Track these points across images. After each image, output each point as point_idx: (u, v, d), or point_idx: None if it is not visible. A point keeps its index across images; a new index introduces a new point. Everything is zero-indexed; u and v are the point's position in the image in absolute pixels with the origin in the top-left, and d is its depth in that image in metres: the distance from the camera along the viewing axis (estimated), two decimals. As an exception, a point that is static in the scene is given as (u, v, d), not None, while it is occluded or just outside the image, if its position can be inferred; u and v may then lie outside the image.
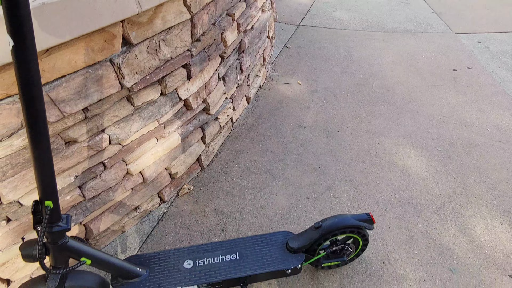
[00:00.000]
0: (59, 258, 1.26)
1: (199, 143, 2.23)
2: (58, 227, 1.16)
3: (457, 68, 3.46)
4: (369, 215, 1.58)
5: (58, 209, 1.14)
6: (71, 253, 1.27)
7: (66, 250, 1.24)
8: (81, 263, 1.29)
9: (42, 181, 1.06)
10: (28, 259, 1.22)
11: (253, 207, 2.08)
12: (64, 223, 1.18)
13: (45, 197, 1.08)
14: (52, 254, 1.24)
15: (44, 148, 1.00)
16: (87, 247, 1.32)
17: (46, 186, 1.07)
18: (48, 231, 1.15)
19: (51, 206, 1.10)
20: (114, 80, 1.47)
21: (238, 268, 1.53)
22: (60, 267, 1.26)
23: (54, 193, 1.10)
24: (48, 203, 1.09)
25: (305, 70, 3.46)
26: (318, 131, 2.67)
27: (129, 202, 1.89)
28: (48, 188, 1.08)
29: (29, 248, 1.21)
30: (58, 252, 1.24)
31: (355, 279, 1.71)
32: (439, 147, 2.49)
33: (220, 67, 2.22)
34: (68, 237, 1.24)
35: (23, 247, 1.23)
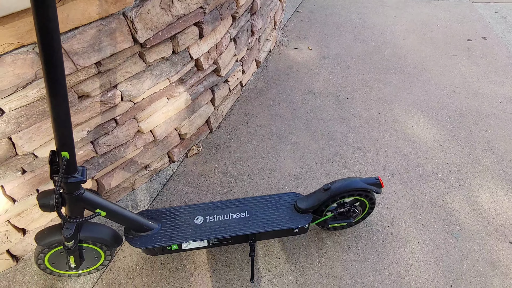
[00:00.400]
0: (75, 209, 1.30)
1: (209, 105, 2.23)
2: (74, 178, 1.19)
3: (472, 38, 3.37)
4: (378, 178, 1.60)
5: (74, 161, 1.16)
6: (86, 205, 1.31)
7: (82, 201, 1.28)
8: (96, 215, 1.32)
9: (59, 132, 1.07)
10: (45, 208, 1.26)
11: (261, 170, 2.10)
12: (80, 175, 1.21)
13: (62, 148, 1.10)
14: (68, 205, 1.28)
15: (62, 99, 1.01)
16: (102, 199, 1.35)
17: (63, 137, 1.08)
18: (64, 182, 1.18)
19: (68, 157, 1.12)
20: (127, 34, 1.45)
21: (247, 226, 1.57)
22: (76, 218, 1.30)
23: (71, 144, 1.11)
24: (65, 154, 1.11)
25: (316, 36, 3.39)
26: (327, 98, 2.65)
27: (140, 160, 1.91)
28: (65, 139, 1.09)
29: (46, 198, 1.25)
30: (73, 203, 1.27)
31: (360, 240, 1.76)
32: (449, 117, 2.48)
33: (232, 27, 2.18)
34: (83, 189, 1.27)
35: (40, 196, 1.26)
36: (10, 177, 1.41)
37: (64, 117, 1.04)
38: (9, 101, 1.24)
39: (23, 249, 1.66)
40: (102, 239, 1.45)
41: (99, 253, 1.52)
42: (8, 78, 1.19)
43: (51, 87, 0.97)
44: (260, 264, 1.66)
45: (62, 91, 0.99)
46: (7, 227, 1.53)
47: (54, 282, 1.59)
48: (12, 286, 1.58)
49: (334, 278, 1.61)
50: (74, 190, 1.23)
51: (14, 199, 1.48)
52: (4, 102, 1.23)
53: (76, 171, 1.20)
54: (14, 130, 1.31)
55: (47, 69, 0.93)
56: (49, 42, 0.89)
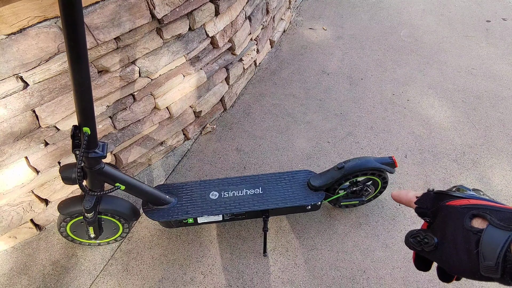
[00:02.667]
0: (95, 183, 1.35)
1: (223, 84, 2.24)
2: (95, 153, 1.22)
3: (491, 19, 3.29)
4: (391, 158, 1.61)
5: (95, 136, 1.19)
6: (106, 178, 1.35)
7: (102, 175, 1.32)
8: (116, 188, 1.37)
9: (81, 107, 1.08)
10: (67, 181, 1.30)
11: (274, 148, 2.13)
12: (100, 150, 1.23)
13: (83, 124, 1.12)
14: (89, 178, 1.32)
15: (84, 75, 1.01)
16: (121, 174, 1.39)
17: (85, 112, 1.10)
18: (85, 156, 1.21)
19: (89, 132, 1.14)
20: (145, 10, 1.46)
21: (261, 202, 1.60)
22: (96, 191, 1.35)
23: (92, 120, 1.13)
24: (86, 129, 1.13)
25: (331, 16, 3.35)
26: (341, 78, 2.64)
27: (156, 136, 1.95)
28: (87, 114, 1.11)
29: (68, 171, 1.29)
30: (94, 177, 1.31)
31: (371, 218, 1.79)
32: (464, 99, 2.45)
33: (247, 5, 2.17)
34: (104, 163, 1.31)
35: (63, 169, 1.30)
36: (34, 148, 1.47)
37: (86, 93, 1.06)
38: (33, 74, 1.28)
39: (46, 219, 1.73)
40: (121, 212, 1.51)
41: (118, 225, 1.58)
42: (32, 51, 1.23)
43: (74, 63, 0.97)
44: (272, 238, 1.71)
45: (84, 67, 1.00)
46: (31, 197, 1.60)
47: (76, 251, 1.66)
48: (36, 253, 1.66)
49: (344, 253, 1.65)
50: (95, 164, 1.27)
51: (38, 170, 1.54)
52: (28, 75, 1.27)
53: (97, 146, 1.23)
54: (37, 103, 1.35)
55: (70, 45, 0.93)
56: (72, 16, 0.88)
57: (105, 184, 1.42)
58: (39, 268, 1.61)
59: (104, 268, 1.61)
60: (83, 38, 0.94)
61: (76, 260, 1.64)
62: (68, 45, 0.93)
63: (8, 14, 1.12)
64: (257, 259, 1.63)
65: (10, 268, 1.61)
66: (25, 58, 1.22)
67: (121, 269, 1.61)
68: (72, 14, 0.88)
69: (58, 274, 1.59)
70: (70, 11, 0.87)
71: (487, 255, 0.39)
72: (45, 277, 1.59)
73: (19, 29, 1.18)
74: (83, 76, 1.01)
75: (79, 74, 1.00)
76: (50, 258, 1.64)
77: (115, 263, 1.63)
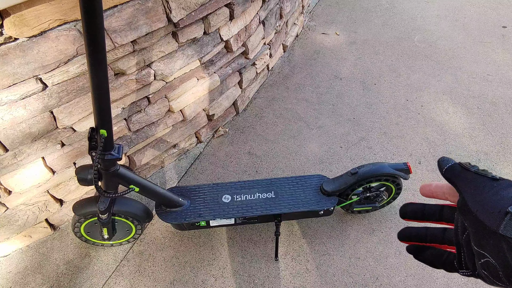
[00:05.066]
0: (110, 184, 1.36)
1: (236, 87, 2.26)
2: (111, 155, 1.23)
3: (507, 25, 3.25)
4: (406, 164, 1.59)
5: (112, 139, 1.20)
6: (121, 180, 1.36)
7: (117, 177, 1.33)
8: (130, 190, 1.38)
9: (98, 110, 1.09)
10: (83, 182, 1.32)
11: (286, 152, 2.13)
12: (116, 153, 1.24)
13: (100, 126, 1.13)
14: (104, 180, 1.33)
15: (102, 78, 1.02)
16: (136, 176, 1.40)
17: (102, 115, 1.11)
18: (101, 158, 1.22)
19: (105, 135, 1.14)
20: (162, 13, 1.48)
21: (274, 206, 1.60)
22: (111, 192, 1.36)
23: (109, 122, 1.14)
24: (103, 131, 1.14)
25: (344, 21, 3.34)
26: (354, 83, 2.63)
27: (169, 139, 1.97)
28: (104, 117, 1.12)
29: (84, 173, 1.31)
30: (109, 179, 1.33)
31: (384, 224, 1.77)
32: (479, 105, 2.42)
33: (261, 10, 2.18)
34: (119, 165, 1.32)
35: (79, 171, 1.32)
36: (51, 149, 1.49)
37: (104, 96, 1.07)
38: (52, 76, 1.30)
39: (60, 219, 1.75)
40: (134, 214, 1.52)
41: (130, 227, 1.59)
42: (51, 54, 1.25)
43: (93, 66, 0.98)
44: (284, 243, 1.70)
45: (103, 71, 1.00)
46: (46, 197, 1.62)
47: (89, 251, 1.68)
48: (50, 252, 1.68)
49: (357, 259, 1.64)
50: (110, 166, 1.28)
51: (54, 170, 1.56)
52: (47, 76, 1.29)
53: (113, 148, 1.24)
54: (55, 104, 1.38)
55: (90, 49, 0.94)
56: (93, 20, 0.88)
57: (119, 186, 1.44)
58: (53, 267, 1.63)
59: (117, 268, 1.62)
60: (103, 43, 0.95)
61: (89, 260, 1.65)
62: (88, 49, 0.94)
63: (31, 17, 1.15)
64: (268, 263, 1.63)
65: (25, 267, 1.63)
66: (45, 60, 1.25)
67: (133, 270, 1.62)
68: (93, 18, 0.89)
69: (71, 273, 1.61)
70: (91, 15, 0.88)
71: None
72: (59, 276, 1.61)
73: (40, 31, 1.21)
74: (101, 79, 1.02)
75: (98, 77, 1.01)
76: (64, 258, 1.66)
77: (128, 264, 1.64)
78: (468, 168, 0.44)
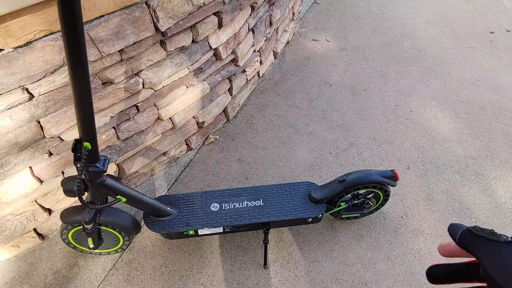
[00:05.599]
0: (97, 195, 1.35)
1: (226, 95, 2.27)
2: (95, 167, 1.22)
3: (495, 31, 3.30)
4: (393, 171, 1.60)
5: (96, 151, 1.19)
6: (108, 191, 1.35)
7: (104, 187, 1.32)
8: (117, 200, 1.37)
9: (82, 122, 1.08)
10: (69, 193, 1.31)
11: (276, 159, 2.14)
12: (101, 165, 1.23)
13: (84, 138, 1.12)
14: (90, 191, 1.32)
15: (85, 91, 1.01)
16: (123, 186, 1.40)
17: (86, 127, 1.10)
18: (86, 170, 1.22)
19: (89, 147, 1.14)
20: (149, 23, 1.49)
21: (262, 214, 1.60)
22: (97, 203, 1.36)
23: (93, 135, 1.13)
24: (87, 144, 1.13)
25: (334, 27, 3.37)
26: (344, 89, 2.65)
27: (159, 147, 1.97)
28: (88, 129, 1.11)
29: (70, 184, 1.30)
30: (95, 189, 1.32)
31: (373, 230, 1.78)
32: (467, 110, 2.45)
33: (250, 18, 2.20)
34: (105, 176, 1.31)
35: (65, 182, 1.31)
36: (38, 158, 1.49)
37: (87, 109, 1.05)
38: (38, 86, 1.30)
39: (49, 228, 1.75)
40: (121, 225, 1.51)
41: (118, 237, 1.58)
42: (38, 64, 1.25)
43: (75, 79, 0.97)
44: (273, 250, 1.70)
45: (85, 83, 0.99)
46: (34, 207, 1.62)
47: (77, 260, 1.67)
48: (38, 262, 1.67)
49: (346, 266, 1.64)
50: (96, 177, 1.26)
51: (41, 180, 1.56)
52: (33, 86, 1.29)
53: (98, 160, 1.23)
54: (42, 114, 1.38)
55: (72, 61, 0.93)
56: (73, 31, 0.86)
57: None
58: (40, 277, 1.62)
59: (105, 278, 1.62)
60: (84, 56, 0.94)
61: (78, 270, 1.64)
62: (69, 62, 0.93)
63: (16, 28, 1.15)
64: (257, 271, 1.63)
65: (12, 277, 1.62)
66: (31, 70, 1.25)
67: (122, 279, 1.61)
68: (73, 30, 0.86)
69: (60, 283, 1.60)
70: (71, 27, 0.86)
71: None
72: (47, 286, 1.59)
73: (26, 42, 1.21)
74: (84, 92, 1.01)
75: (81, 90, 1.00)
76: (52, 268, 1.65)
77: (116, 273, 1.63)
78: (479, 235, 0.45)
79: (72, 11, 0.82)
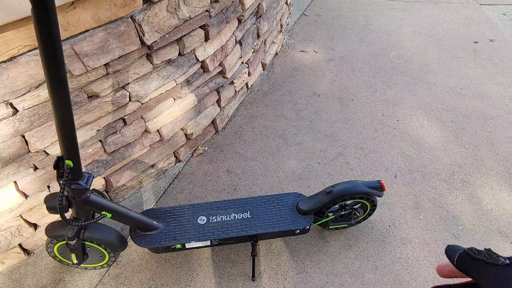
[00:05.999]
0: (81, 211, 1.34)
1: (215, 106, 2.28)
2: (78, 185, 1.21)
3: (478, 41, 3.37)
4: (380, 182, 1.61)
5: (79, 169, 1.18)
6: (92, 207, 1.34)
7: (88, 204, 1.30)
8: (102, 216, 1.36)
9: (63, 140, 1.07)
10: (52, 210, 1.30)
11: (265, 170, 2.14)
12: (84, 183, 1.22)
13: (66, 156, 1.11)
14: (74, 207, 1.31)
15: (65, 110, 1.00)
16: (107, 202, 1.39)
17: (67, 145, 1.09)
18: (68, 187, 1.21)
19: (71, 165, 1.13)
20: (135, 37, 1.50)
21: (249, 226, 1.59)
22: (81, 219, 1.35)
23: (75, 152, 1.12)
24: (69, 162, 1.12)
25: (322, 39, 3.42)
26: (332, 99, 2.68)
27: (147, 159, 1.97)
28: (69, 147, 1.10)
29: (53, 201, 1.29)
30: (79, 206, 1.30)
31: (361, 240, 1.78)
32: (453, 119, 2.49)
33: (238, 30, 2.23)
34: (90, 192, 1.29)
35: (48, 199, 1.30)
36: (23, 173, 1.48)
37: (68, 127, 1.05)
38: (22, 100, 1.30)
39: (34, 243, 1.72)
40: (106, 242, 1.49)
41: (103, 253, 1.56)
42: (22, 79, 1.26)
43: (55, 97, 0.96)
44: (262, 262, 1.70)
45: (66, 102, 0.98)
46: (19, 222, 1.60)
47: (63, 275, 1.65)
48: (24, 278, 1.65)
49: (334, 276, 1.64)
50: (80, 194, 1.25)
51: (26, 194, 1.54)
52: (18, 101, 1.29)
53: (81, 177, 1.22)
54: (27, 128, 1.37)
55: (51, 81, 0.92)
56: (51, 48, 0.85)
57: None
58: (26, 294, 1.60)
59: (92, 293, 1.60)
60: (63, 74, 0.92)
61: (64, 285, 1.62)
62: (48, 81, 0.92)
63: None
64: (246, 283, 1.62)
65: (-3, 294, 1.60)
66: (15, 85, 1.25)
67: (109, 294, 1.59)
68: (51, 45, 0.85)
69: (45, 300, 1.58)
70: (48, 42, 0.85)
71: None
72: (32, 303, 1.57)
73: (10, 57, 1.21)
74: (64, 110, 1.00)
75: (61, 109, 0.99)
76: (38, 284, 1.63)
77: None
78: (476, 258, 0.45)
79: (50, 33, 0.82)
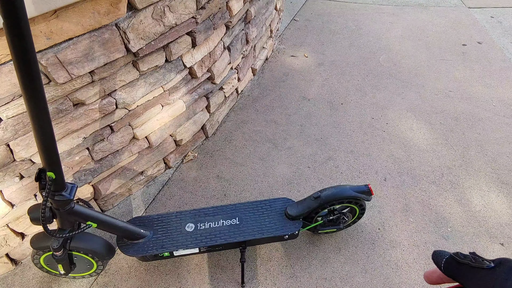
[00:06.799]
0: (66, 222, 1.33)
1: (204, 112, 2.28)
2: (61, 196, 1.19)
3: (467, 43, 3.41)
4: (367, 186, 1.61)
5: (61, 180, 1.17)
6: (77, 217, 1.33)
7: (72, 214, 1.29)
8: (87, 227, 1.35)
9: (43, 152, 1.06)
10: (36, 222, 1.28)
11: (255, 175, 2.14)
12: (68, 194, 1.21)
13: (48, 168, 1.10)
14: (58, 218, 1.30)
15: (44, 122, 0.99)
16: (92, 211, 1.37)
17: (48, 157, 1.07)
18: (52, 199, 1.19)
19: (53, 177, 1.11)
20: (120, 44, 1.50)
21: (238, 233, 1.59)
22: (66, 230, 1.33)
23: (57, 164, 1.11)
24: (50, 174, 1.10)
25: (312, 43, 3.45)
26: (322, 104, 2.69)
27: (136, 166, 1.96)
28: (50, 159, 1.08)
29: (37, 211, 1.26)
30: (64, 216, 1.29)
31: (350, 243, 1.78)
32: (442, 121, 2.51)
33: (226, 36, 2.23)
34: (74, 202, 1.28)
35: (31, 210, 1.28)
36: (9, 182, 1.47)
37: (48, 139, 1.03)
38: (6, 109, 1.30)
39: (22, 253, 1.71)
40: (93, 251, 1.47)
41: (91, 262, 1.55)
42: (5, 87, 1.25)
43: (33, 111, 0.95)
44: (251, 267, 1.69)
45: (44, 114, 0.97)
46: (6, 231, 1.58)
47: (51, 285, 1.63)
48: (11, 289, 1.63)
49: (324, 280, 1.64)
50: (64, 205, 1.23)
51: (13, 203, 1.53)
52: (2, 110, 1.29)
53: (65, 188, 1.20)
54: (11, 137, 1.37)
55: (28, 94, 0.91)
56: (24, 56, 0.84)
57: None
58: (12, 304, 1.58)
59: (80, 302, 1.58)
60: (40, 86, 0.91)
61: (51, 295, 1.61)
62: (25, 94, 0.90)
63: (-20, 53, 1.15)
64: (235, 289, 1.61)
65: (-17, 306, 1.58)
66: (-2, 94, 1.25)
67: (97, 303, 1.58)
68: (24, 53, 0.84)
69: (32, 310, 1.56)
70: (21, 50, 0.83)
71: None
72: (19, 313, 1.55)
73: (-8, 66, 1.21)
74: (43, 122, 0.99)
75: (39, 120, 0.98)
76: (25, 294, 1.61)
77: (91, 297, 1.60)
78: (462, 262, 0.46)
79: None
